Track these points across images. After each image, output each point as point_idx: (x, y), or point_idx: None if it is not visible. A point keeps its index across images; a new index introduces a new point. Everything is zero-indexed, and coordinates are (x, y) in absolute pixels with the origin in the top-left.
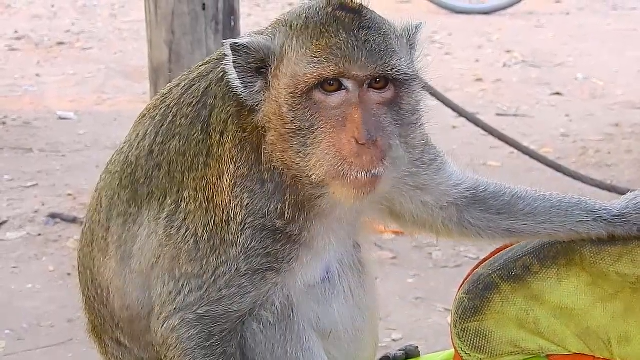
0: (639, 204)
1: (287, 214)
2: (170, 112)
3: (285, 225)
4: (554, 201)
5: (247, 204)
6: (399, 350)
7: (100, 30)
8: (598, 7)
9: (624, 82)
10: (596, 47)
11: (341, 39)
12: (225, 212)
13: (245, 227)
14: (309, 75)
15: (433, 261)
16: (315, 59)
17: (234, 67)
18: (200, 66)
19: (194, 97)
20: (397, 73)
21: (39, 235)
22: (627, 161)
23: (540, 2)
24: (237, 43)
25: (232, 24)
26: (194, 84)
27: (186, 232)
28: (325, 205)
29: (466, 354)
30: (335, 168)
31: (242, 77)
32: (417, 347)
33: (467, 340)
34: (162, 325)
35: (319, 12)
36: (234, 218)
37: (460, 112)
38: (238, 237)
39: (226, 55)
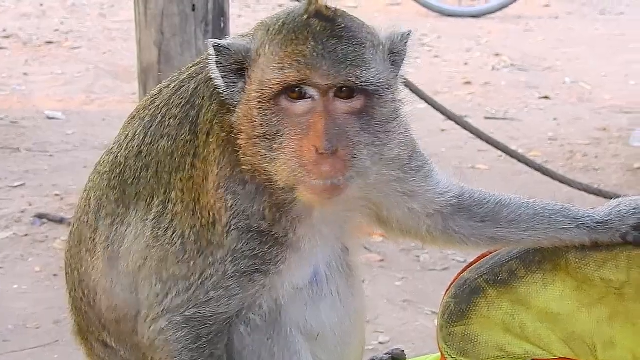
0: (622, 211)
1: (268, 215)
2: (160, 112)
3: (270, 226)
4: (538, 208)
5: (231, 205)
6: (386, 353)
7: (89, 30)
8: (586, 11)
9: (611, 87)
10: (584, 51)
11: (308, 46)
12: (211, 214)
13: (231, 228)
14: (273, 82)
15: (421, 264)
16: (280, 66)
17: (217, 67)
18: (191, 67)
19: (183, 97)
20: (362, 84)
21: (26, 235)
22: (614, 165)
23: (529, 6)
24: (218, 43)
25: (222, 25)
26: (184, 85)
27: (173, 233)
28: (299, 210)
29: (452, 357)
30: (296, 175)
31: (224, 77)
32: (403, 350)
33: (454, 344)
34: (150, 327)
35: (294, 19)
36: (219, 220)
37: (449, 115)
38: (224, 239)
39: (210, 55)
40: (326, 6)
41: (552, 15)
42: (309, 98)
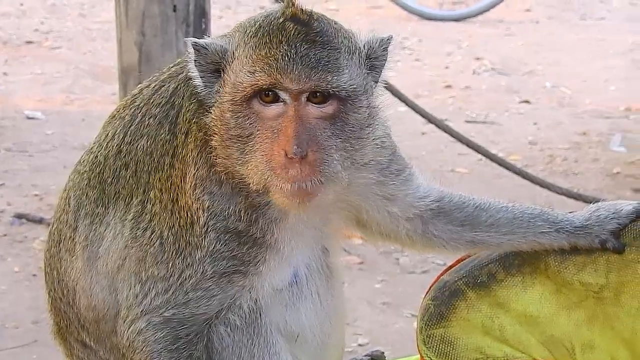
0: (601, 215)
1: (244, 216)
2: (140, 112)
3: (248, 227)
4: (517, 212)
5: (209, 206)
6: (365, 355)
7: (70, 30)
8: (567, 16)
9: (591, 92)
10: (565, 56)
11: (280, 50)
12: (188, 215)
13: (209, 229)
14: (244, 85)
15: (400, 267)
16: (252, 69)
17: (195, 66)
18: (171, 67)
19: (163, 97)
20: (334, 89)
21: (5, 235)
22: (594, 170)
23: (510, 10)
24: (197, 42)
25: (203, 26)
26: (164, 85)
27: (152, 234)
28: (274, 212)
29: None
30: (267, 178)
31: (203, 77)
32: (383, 352)
33: (433, 347)
34: (129, 328)
35: (270, 22)
36: (197, 221)
37: (430, 119)
38: (202, 239)
39: (189, 53)
40: (302, 9)
41: (533, 19)
42: (281, 102)
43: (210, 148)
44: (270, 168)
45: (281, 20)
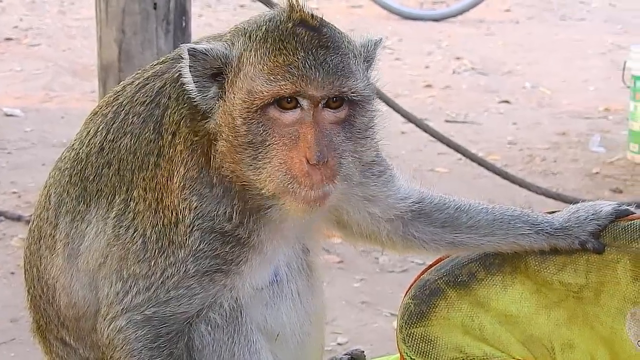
0: (581, 217)
1: (235, 218)
2: (123, 109)
3: (234, 228)
4: (497, 214)
5: (196, 207)
6: (345, 354)
7: (49, 27)
8: (547, 16)
9: (571, 92)
10: (544, 56)
11: (299, 57)
12: (174, 214)
13: (194, 229)
14: (264, 93)
15: (379, 266)
16: (272, 77)
17: (190, 71)
18: (156, 65)
19: (147, 96)
20: (353, 94)
21: None
22: (573, 169)
23: (490, 10)
24: (194, 49)
25: (184, 24)
26: (148, 83)
27: (134, 232)
28: (275, 214)
29: (412, 358)
30: (285, 184)
31: (197, 82)
32: (363, 351)
33: (413, 346)
34: (109, 326)
35: (279, 26)
36: (182, 220)
37: (410, 118)
38: (186, 239)
39: (182, 58)
40: (312, 15)
41: (513, 19)
42: (299, 108)
43: (202, 150)
44: (289, 175)
45: (290, 25)
